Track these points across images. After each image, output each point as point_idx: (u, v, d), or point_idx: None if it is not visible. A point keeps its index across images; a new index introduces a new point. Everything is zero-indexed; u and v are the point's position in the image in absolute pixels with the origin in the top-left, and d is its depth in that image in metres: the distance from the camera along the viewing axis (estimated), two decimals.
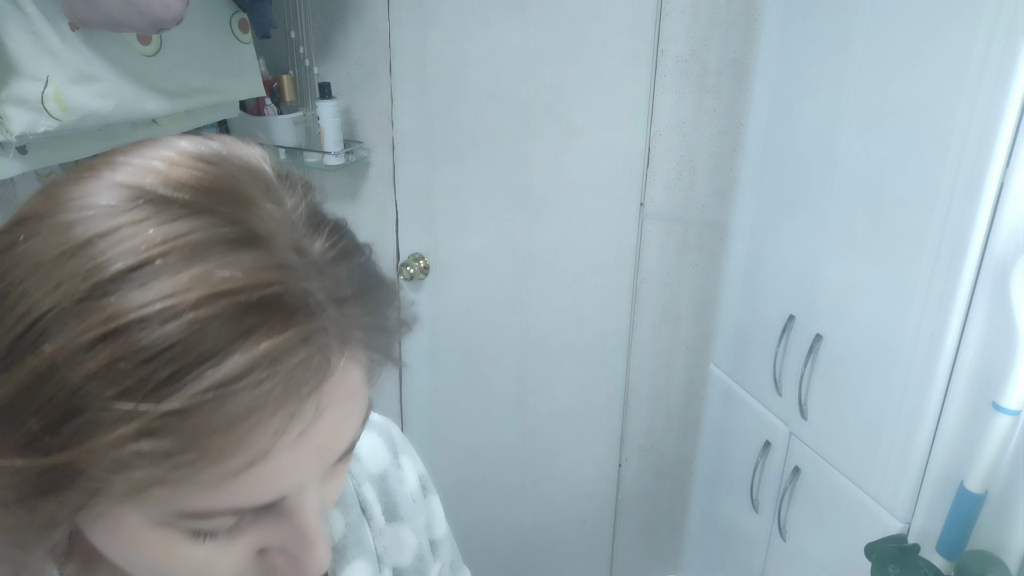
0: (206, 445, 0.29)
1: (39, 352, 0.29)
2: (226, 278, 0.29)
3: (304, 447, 0.33)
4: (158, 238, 0.30)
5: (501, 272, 1.77)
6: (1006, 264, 0.85)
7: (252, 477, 0.32)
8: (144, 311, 0.28)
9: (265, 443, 0.31)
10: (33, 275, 0.30)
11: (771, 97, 1.27)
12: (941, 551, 0.96)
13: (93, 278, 0.29)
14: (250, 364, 0.29)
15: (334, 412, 0.34)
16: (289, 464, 0.33)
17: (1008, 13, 0.81)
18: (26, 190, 1.45)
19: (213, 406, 0.29)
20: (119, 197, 0.31)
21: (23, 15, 1.11)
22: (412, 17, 1.63)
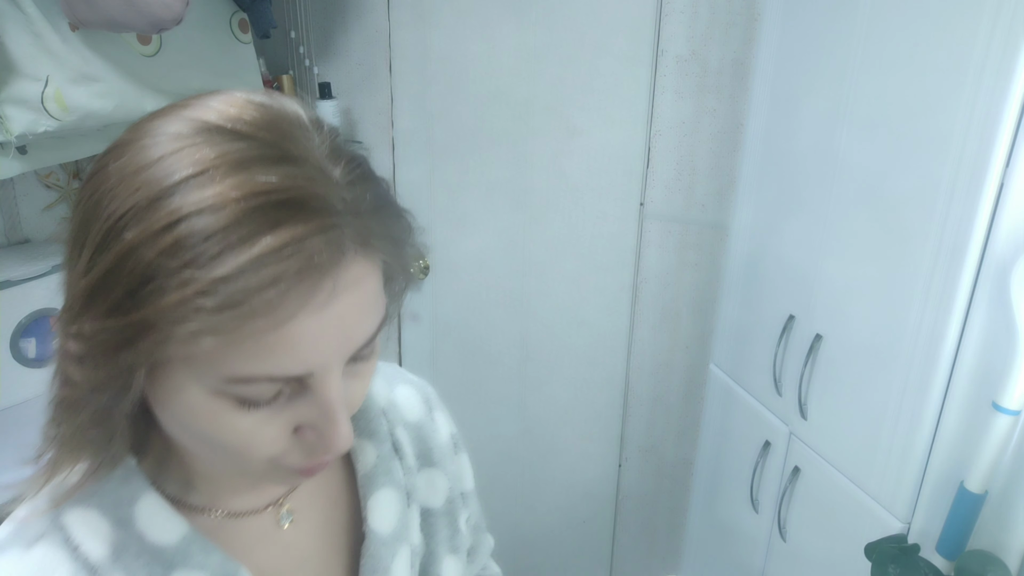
0: (244, 305, 0.38)
1: (122, 239, 0.38)
2: (263, 182, 0.39)
3: (324, 323, 0.41)
4: (212, 155, 0.39)
5: (501, 272, 1.77)
6: (1006, 264, 0.85)
7: (283, 347, 0.40)
8: (200, 205, 0.38)
9: (290, 309, 0.39)
10: (119, 184, 0.40)
11: (771, 97, 1.27)
12: (941, 551, 0.96)
13: (163, 183, 0.38)
14: (278, 245, 0.38)
15: (349, 298, 0.42)
16: (312, 337, 0.41)
17: (1008, 13, 0.81)
18: (26, 190, 1.45)
19: (249, 275, 0.37)
20: (185, 127, 0.41)
21: (23, 15, 1.11)
22: (412, 17, 1.63)
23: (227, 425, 0.43)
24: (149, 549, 0.49)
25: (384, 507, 0.59)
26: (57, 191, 1.51)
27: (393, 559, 0.59)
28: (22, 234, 1.47)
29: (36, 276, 1.32)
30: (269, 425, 0.44)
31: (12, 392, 1.32)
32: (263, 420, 0.43)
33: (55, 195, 1.51)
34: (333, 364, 0.43)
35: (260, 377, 0.41)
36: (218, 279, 0.37)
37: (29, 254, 1.38)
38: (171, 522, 0.50)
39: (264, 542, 0.55)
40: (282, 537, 0.56)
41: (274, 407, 0.44)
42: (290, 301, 0.39)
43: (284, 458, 0.46)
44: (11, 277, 1.28)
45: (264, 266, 0.38)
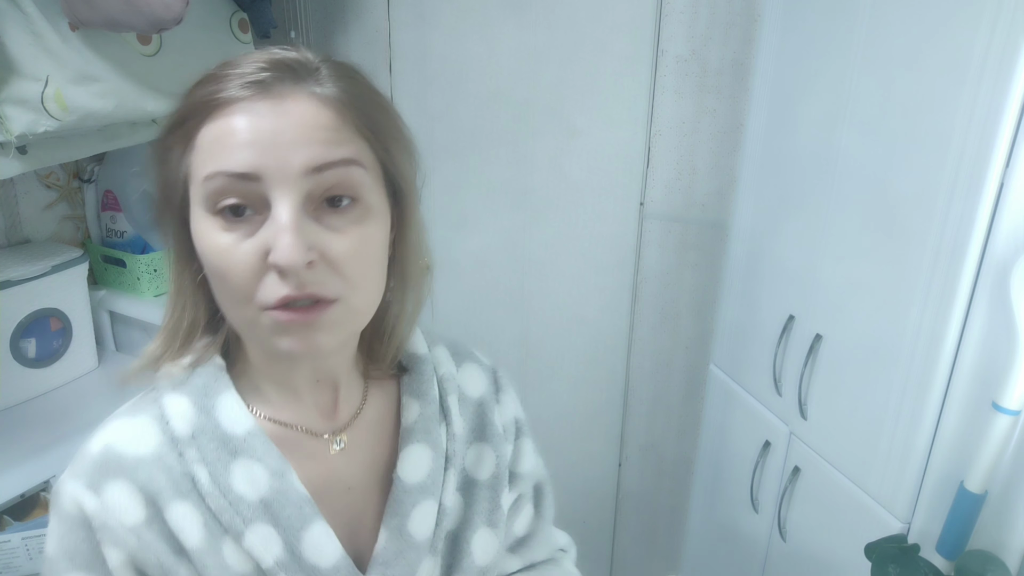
0: (198, 110, 0.54)
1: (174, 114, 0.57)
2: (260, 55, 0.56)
3: (261, 129, 0.52)
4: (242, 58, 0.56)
5: (501, 272, 1.77)
6: (1006, 264, 0.86)
7: (228, 144, 0.52)
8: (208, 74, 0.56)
9: (230, 111, 0.53)
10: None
11: (771, 97, 1.27)
12: (941, 551, 0.96)
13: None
14: (242, 63, 0.55)
15: (289, 121, 0.53)
16: (251, 138, 0.52)
17: (1008, 13, 0.81)
18: (26, 190, 1.45)
19: (201, 90, 0.55)
20: None
21: (23, 15, 1.11)
22: (412, 17, 1.63)
23: (215, 243, 0.53)
24: (221, 435, 0.60)
25: (415, 459, 0.65)
26: (57, 191, 1.51)
27: (414, 508, 0.64)
28: (22, 234, 1.47)
29: (36, 276, 1.32)
30: (241, 245, 0.53)
31: (12, 392, 1.32)
32: (237, 239, 0.53)
33: (55, 195, 1.51)
34: (276, 173, 0.52)
35: (219, 172, 0.52)
36: (184, 102, 0.55)
37: (29, 254, 1.38)
38: (243, 418, 0.60)
39: (315, 460, 0.63)
40: (332, 461, 0.64)
41: (246, 228, 0.53)
42: (231, 106, 0.53)
43: (257, 293, 0.53)
44: (11, 277, 1.28)
45: (216, 80, 0.54)
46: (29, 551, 1.08)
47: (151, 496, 0.58)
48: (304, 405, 0.64)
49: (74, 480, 0.59)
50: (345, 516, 0.64)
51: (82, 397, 1.38)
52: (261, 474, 0.60)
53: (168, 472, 0.59)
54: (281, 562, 0.59)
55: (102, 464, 0.59)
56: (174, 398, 0.61)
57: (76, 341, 1.42)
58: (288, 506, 0.60)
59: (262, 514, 0.59)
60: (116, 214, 1.52)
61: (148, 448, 0.59)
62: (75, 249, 1.42)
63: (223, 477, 0.59)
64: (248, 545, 0.59)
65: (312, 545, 0.60)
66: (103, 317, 1.55)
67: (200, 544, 0.58)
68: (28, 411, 1.33)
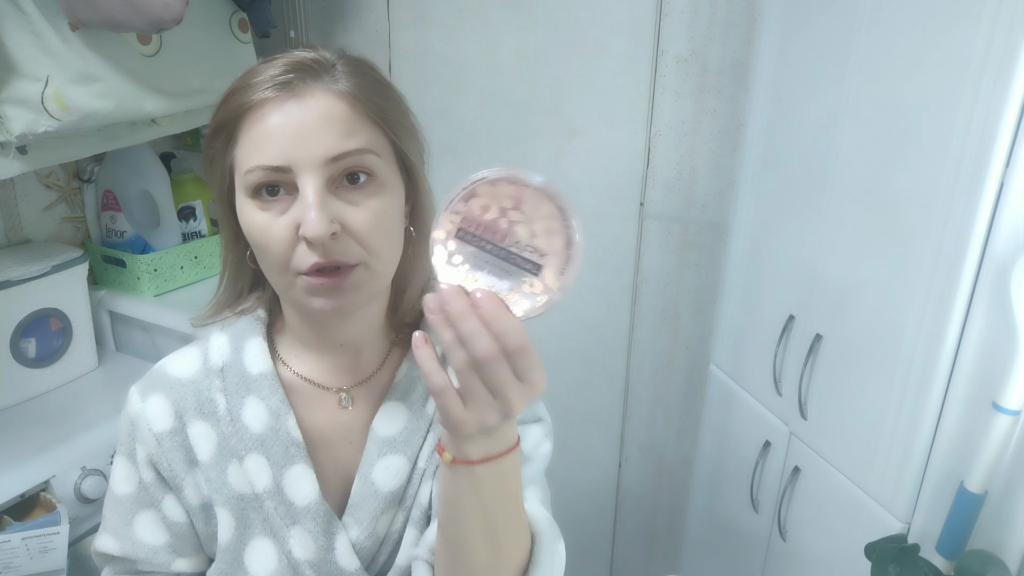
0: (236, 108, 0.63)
1: (216, 119, 0.65)
2: (285, 58, 0.64)
3: (289, 127, 0.61)
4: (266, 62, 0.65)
5: None
6: (1006, 264, 0.85)
7: (264, 141, 0.61)
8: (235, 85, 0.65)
9: (264, 111, 0.61)
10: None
11: (771, 97, 1.27)
12: (941, 551, 0.96)
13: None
14: (267, 67, 0.63)
15: (311, 115, 0.61)
16: (281, 135, 0.61)
17: (1008, 13, 0.81)
18: (26, 190, 1.45)
19: (239, 94, 0.63)
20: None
21: (23, 15, 1.11)
22: (412, 17, 1.63)
23: (255, 221, 0.63)
24: (242, 372, 0.71)
25: (390, 415, 0.72)
26: (57, 191, 1.51)
27: (379, 459, 0.71)
28: (22, 234, 1.47)
29: (36, 276, 1.32)
30: (276, 222, 0.62)
31: (12, 392, 1.32)
32: (272, 217, 0.62)
33: (55, 195, 1.51)
34: (304, 163, 0.60)
35: (255, 167, 0.61)
36: (224, 107, 0.64)
37: (29, 254, 1.38)
38: (261, 361, 0.71)
39: (325, 412, 0.72)
40: (337, 416, 0.73)
41: (279, 207, 0.62)
42: (263, 107, 0.61)
43: (292, 261, 0.62)
44: (11, 277, 1.28)
45: (248, 87, 0.62)
46: (29, 551, 1.07)
47: (180, 411, 0.71)
48: (325, 364, 0.73)
49: (136, 386, 0.73)
50: (342, 467, 0.72)
51: (82, 397, 1.38)
52: (263, 412, 0.70)
53: (197, 395, 0.71)
54: (268, 491, 0.69)
55: (153, 378, 0.73)
56: (219, 336, 0.73)
57: (76, 341, 1.42)
58: (277, 444, 0.69)
59: (259, 446, 0.69)
60: (116, 214, 1.52)
61: (188, 372, 0.73)
62: (75, 249, 1.42)
63: (236, 407, 0.70)
64: (246, 469, 0.69)
65: (292, 483, 0.69)
66: (103, 317, 1.55)
67: (209, 459, 0.70)
68: (28, 411, 1.33)
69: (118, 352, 1.57)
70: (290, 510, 0.69)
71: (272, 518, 0.69)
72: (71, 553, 1.16)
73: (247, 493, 0.70)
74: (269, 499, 0.69)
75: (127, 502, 0.73)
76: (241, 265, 0.73)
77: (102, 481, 1.21)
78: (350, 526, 0.70)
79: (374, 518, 0.70)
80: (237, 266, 0.73)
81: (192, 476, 0.71)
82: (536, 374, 0.50)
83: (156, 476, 0.72)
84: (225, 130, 0.64)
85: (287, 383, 0.72)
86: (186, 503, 0.72)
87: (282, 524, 0.69)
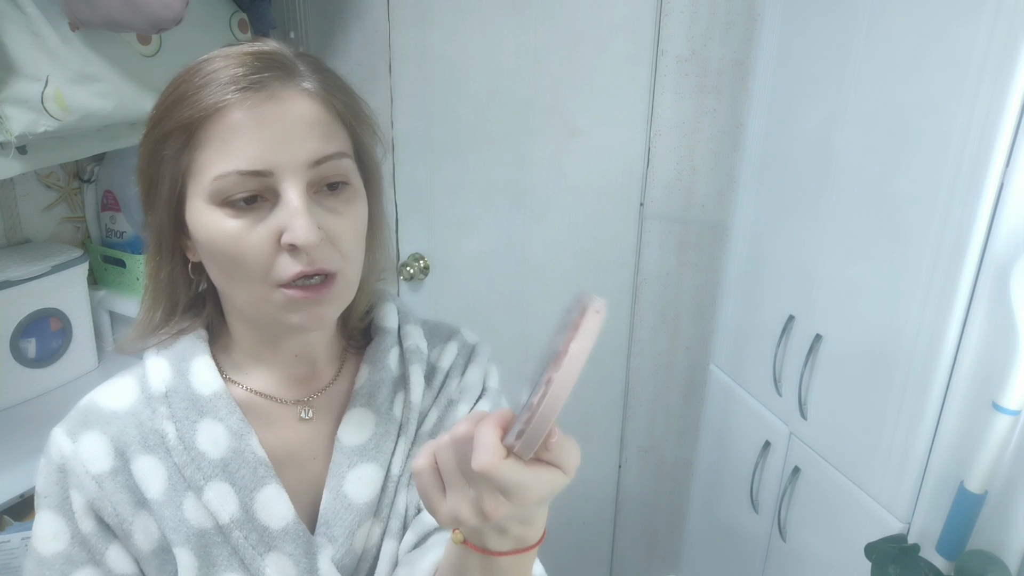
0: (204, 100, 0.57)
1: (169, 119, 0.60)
2: (230, 50, 0.60)
3: (266, 129, 0.56)
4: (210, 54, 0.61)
5: (501, 272, 1.77)
6: (1006, 264, 0.85)
7: (239, 145, 0.56)
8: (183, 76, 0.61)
9: (232, 110, 0.56)
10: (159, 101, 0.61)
11: (771, 97, 1.27)
12: (941, 551, 0.96)
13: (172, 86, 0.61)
14: (234, 64, 0.58)
15: (289, 117, 0.57)
16: (260, 138, 0.56)
17: (1008, 13, 0.81)
18: (26, 190, 1.45)
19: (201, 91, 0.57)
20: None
21: (23, 15, 1.11)
22: (412, 17, 1.63)
23: (224, 230, 0.57)
24: (191, 395, 0.64)
25: (356, 423, 0.68)
26: (57, 191, 1.51)
27: (350, 470, 0.67)
28: (22, 234, 1.47)
29: (36, 276, 1.32)
30: (253, 230, 0.57)
31: (12, 392, 1.32)
32: (249, 224, 0.57)
33: (55, 195, 1.51)
34: (286, 167, 0.57)
35: (229, 172, 0.56)
36: (177, 104, 0.58)
37: (29, 254, 1.38)
38: (212, 380, 0.65)
39: (282, 429, 0.67)
40: (299, 430, 0.68)
41: (256, 214, 0.57)
42: (230, 108, 0.56)
43: (271, 272, 0.58)
44: (11, 277, 1.28)
45: (209, 85, 0.57)
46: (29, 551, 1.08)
47: (120, 448, 0.64)
48: (279, 377, 0.68)
49: (60, 427, 0.65)
50: (310, 483, 0.68)
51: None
52: (222, 434, 0.64)
53: (139, 427, 0.64)
54: (236, 519, 0.63)
55: (83, 415, 0.65)
56: (155, 360, 0.66)
57: (76, 341, 1.42)
58: (243, 467, 0.64)
59: (220, 472, 0.63)
60: (116, 214, 1.52)
61: (125, 403, 0.65)
62: (75, 249, 1.42)
63: (188, 434, 0.63)
64: (206, 500, 0.63)
65: (264, 506, 0.64)
66: (103, 317, 1.55)
67: (161, 496, 0.63)
68: (28, 411, 1.33)
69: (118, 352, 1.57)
70: (263, 536, 0.64)
71: (242, 549, 0.63)
72: None
73: (209, 527, 0.63)
74: (237, 529, 0.63)
75: (58, 562, 0.63)
76: (177, 281, 0.66)
77: None
78: (323, 546, 0.65)
79: (350, 533, 0.66)
80: (171, 282, 0.66)
81: (141, 519, 0.63)
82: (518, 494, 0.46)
83: (97, 525, 0.63)
84: (184, 132, 0.58)
85: (241, 401, 0.66)
86: (135, 550, 0.64)
87: (254, 554, 0.63)
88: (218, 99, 0.56)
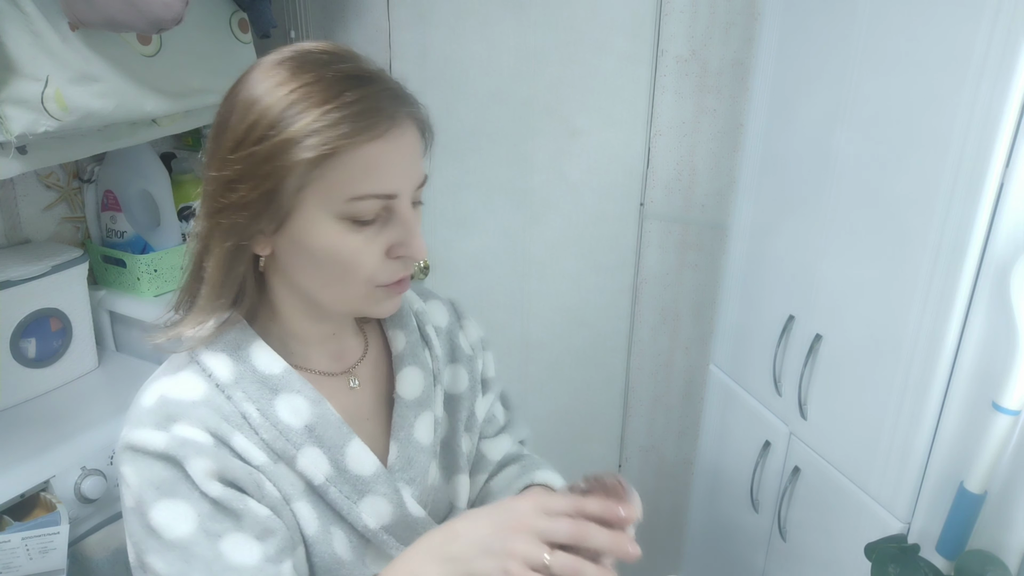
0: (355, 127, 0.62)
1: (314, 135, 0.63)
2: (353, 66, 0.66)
3: (398, 154, 0.65)
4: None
5: (501, 272, 1.77)
6: (1006, 264, 0.85)
7: (378, 169, 0.64)
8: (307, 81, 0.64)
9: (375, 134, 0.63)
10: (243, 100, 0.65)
11: (771, 97, 1.27)
12: (941, 551, 0.96)
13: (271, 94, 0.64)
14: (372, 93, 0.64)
15: (407, 144, 0.66)
16: (392, 162, 0.65)
17: (1008, 13, 0.81)
18: (26, 190, 1.45)
19: (356, 110, 0.62)
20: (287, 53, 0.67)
21: (23, 15, 1.11)
22: (412, 17, 1.63)
23: (345, 244, 0.65)
24: (260, 377, 0.69)
25: (410, 380, 0.79)
26: (57, 191, 1.51)
27: (416, 419, 0.77)
28: (22, 234, 1.47)
29: (36, 276, 1.32)
30: (371, 243, 0.66)
31: (12, 392, 1.32)
32: (368, 239, 0.66)
33: (55, 195, 1.51)
34: (406, 191, 0.66)
35: (368, 195, 0.64)
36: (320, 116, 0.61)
37: (29, 254, 1.38)
38: (275, 361, 0.70)
39: (338, 396, 0.75)
40: (350, 397, 0.76)
41: (373, 229, 0.66)
42: (382, 136, 0.63)
43: (378, 276, 0.67)
44: (11, 277, 1.28)
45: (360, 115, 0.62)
46: (29, 551, 1.08)
47: (212, 430, 0.66)
48: (320, 355, 0.75)
49: (139, 429, 0.64)
50: (370, 440, 0.75)
51: (82, 397, 1.38)
52: (302, 404, 0.69)
53: (220, 411, 0.67)
54: (331, 477, 0.70)
55: (161, 410, 0.66)
56: (209, 354, 0.69)
57: (76, 341, 1.42)
58: (329, 428, 0.70)
59: (308, 438, 0.69)
60: (116, 214, 1.52)
61: (198, 394, 0.67)
62: (75, 249, 1.43)
63: (269, 411, 0.68)
64: (301, 467, 0.69)
65: (354, 458, 0.71)
66: (103, 317, 1.55)
67: (265, 464, 0.68)
68: (28, 411, 1.33)
69: (118, 352, 1.57)
70: (356, 485, 0.71)
71: (337, 502, 0.70)
72: (71, 553, 1.16)
73: (301, 491, 0.69)
74: (332, 485, 0.70)
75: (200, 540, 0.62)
76: (247, 274, 0.69)
77: (102, 481, 1.21)
78: (404, 486, 0.74)
79: (424, 472, 0.77)
80: (242, 275, 0.69)
81: (257, 477, 0.67)
82: None
83: (225, 486, 0.64)
84: (323, 149, 0.61)
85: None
86: (268, 499, 0.67)
87: (350, 504, 0.70)
88: (368, 128, 0.63)
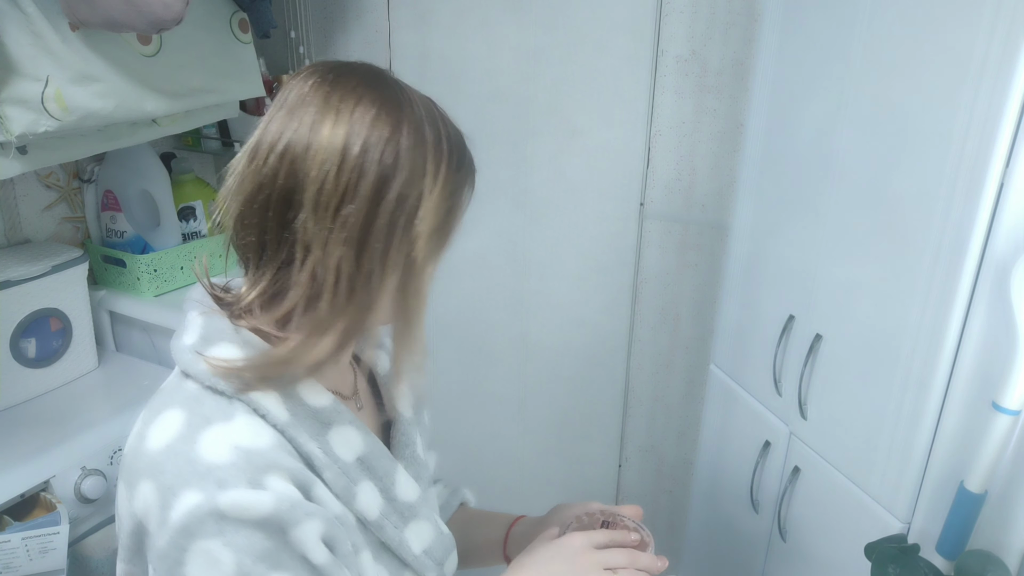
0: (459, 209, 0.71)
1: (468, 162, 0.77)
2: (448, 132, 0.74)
3: None
4: None
5: (501, 272, 1.77)
6: (1006, 264, 0.85)
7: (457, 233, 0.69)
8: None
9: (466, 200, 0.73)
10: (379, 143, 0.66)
11: (771, 97, 1.27)
12: (941, 551, 0.96)
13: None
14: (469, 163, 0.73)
15: None
16: None
17: (1008, 13, 0.81)
18: (26, 190, 1.45)
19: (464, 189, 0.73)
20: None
21: (23, 15, 1.11)
22: (412, 17, 1.63)
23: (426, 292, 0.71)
24: (311, 411, 0.65)
25: (407, 398, 0.81)
26: (57, 191, 1.51)
27: (416, 436, 0.81)
28: (22, 234, 1.47)
29: (36, 276, 1.32)
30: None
31: (12, 392, 1.32)
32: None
33: (55, 195, 1.51)
34: None
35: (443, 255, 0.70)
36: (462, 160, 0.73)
37: (29, 254, 1.38)
38: (322, 393, 0.67)
39: None
40: (359, 417, 0.74)
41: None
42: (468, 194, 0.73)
43: None
44: (11, 277, 1.28)
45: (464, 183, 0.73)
46: (29, 551, 1.08)
47: (299, 482, 0.60)
48: (331, 381, 0.73)
49: (229, 491, 0.55)
50: None
51: (82, 397, 1.38)
52: (354, 436, 0.68)
53: (292, 455, 0.62)
54: (384, 511, 0.69)
55: (247, 463, 0.57)
56: (258, 394, 0.62)
57: (76, 341, 1.42)
58: (381, 457, 0.70)
59: (362, 471, 0.67)
60: (116, 214, 1.52)
61: (266, 440, 0.61)
62: (75, 249, 1.42)
63: (327, 447, 0.65)
64: (359, 506, 0.66)
65: (402, 485, 0.71)
66: (103, 317, 1.55)
67: (342, 514, 0.65)
68: (28, 411, 1.33)
69: (118, 352, 1.57)
70: (404, 513, 0.71)
71: (391, 536, 0.69)
72: (71, 553, 1.16)
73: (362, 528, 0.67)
74: (385, 519, 0.69)
75: None
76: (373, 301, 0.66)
77: (102, 481, 1.21)
78: (429, 500, 0.78)
79: (429, 482, 0.81)
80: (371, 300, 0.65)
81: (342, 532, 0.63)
82: None
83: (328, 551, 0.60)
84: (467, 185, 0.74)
85: None
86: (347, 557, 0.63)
87: (400, 536, 0.70)
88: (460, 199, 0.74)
